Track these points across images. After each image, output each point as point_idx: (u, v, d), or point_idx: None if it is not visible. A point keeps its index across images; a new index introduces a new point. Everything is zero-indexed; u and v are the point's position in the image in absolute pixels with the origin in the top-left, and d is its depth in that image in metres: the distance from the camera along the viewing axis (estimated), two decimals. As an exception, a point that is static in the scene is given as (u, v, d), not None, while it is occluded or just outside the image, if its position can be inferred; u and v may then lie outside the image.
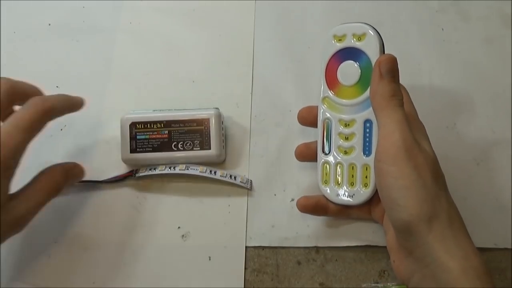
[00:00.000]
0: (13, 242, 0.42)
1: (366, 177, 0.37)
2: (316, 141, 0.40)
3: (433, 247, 0.30)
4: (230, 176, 0.42)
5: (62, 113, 0.39)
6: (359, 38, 0.37)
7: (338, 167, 0.38)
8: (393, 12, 0.49)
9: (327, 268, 0.41)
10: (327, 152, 0.39)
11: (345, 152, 0.38)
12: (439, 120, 0.45)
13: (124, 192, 0.43)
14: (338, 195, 0.38)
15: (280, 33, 0.49)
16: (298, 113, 0.41)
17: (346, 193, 0.38)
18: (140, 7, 0.51)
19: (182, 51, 0.49)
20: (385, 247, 0.40)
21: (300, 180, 0.43)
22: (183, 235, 0.42)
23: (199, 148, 0.42)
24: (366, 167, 0.37)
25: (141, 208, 0.43)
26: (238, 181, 0.42)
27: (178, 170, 0.41)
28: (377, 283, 0.40)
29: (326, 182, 0.39)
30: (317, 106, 0.39)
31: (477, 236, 0.39)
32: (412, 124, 0.34)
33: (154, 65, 0.48)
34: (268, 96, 0.46)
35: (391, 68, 0.34)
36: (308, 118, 0.40)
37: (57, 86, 0.47)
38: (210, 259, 0.41)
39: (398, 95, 0.34)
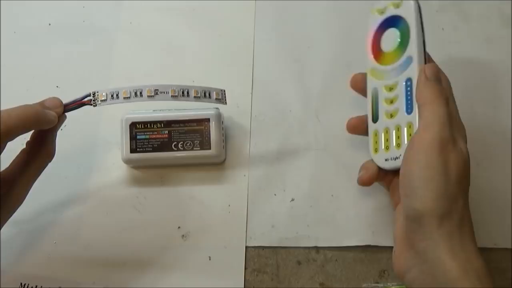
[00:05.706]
0: (13, 242, 0.42)
1: (410, 134, 0.36)
2: (366, 115, 0.40)
3: (438, 244, 0.30)
4: (205, 94, 0.38)
5: (23, 132, 0.34)
6: (397, 5, 0.38)
7: (386, 132, 0.38)
8: (393, 12, 0.49)
9: (327, 268, 0.41)
10: (375, 120, 0.39)
11: (391, 116, 0.38)
12: (439, 120, 0.45)
13: (124, 192, 0.43)
14: (386, 159, 0.38)
15: (280, 33, 0.49)
16: (351, 80, 0.41)
17: (393, 156, 0.37)
18: (140, 7, 0.51)
19: (182, 51, 0.49)
20: (385, 247, 0.41)
21: (300, 180, 0.43)
22: (183, 235, 0.42)
23: (199, 148, 0.42)
24: (409, 125, 0.37)
25: (141, 208, 0.43)
26: (213, 98, 0.38)
27: (146, 96, 0.37)
28: (377, 283, 0.40)
29: (376, 150, 0.39)
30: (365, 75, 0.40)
31: (477, 236, 0.39)
32: (453, 122, 0.34)
33: (154, 65, 0.48)
34: (268, 96, 0.46)
35: (436, 73, 0.35)
36: (360, 85, 0.41)
37: (57, 86, 0.47)
38: (210, 259, 0.41)
39: (444, 95, 0.34)
